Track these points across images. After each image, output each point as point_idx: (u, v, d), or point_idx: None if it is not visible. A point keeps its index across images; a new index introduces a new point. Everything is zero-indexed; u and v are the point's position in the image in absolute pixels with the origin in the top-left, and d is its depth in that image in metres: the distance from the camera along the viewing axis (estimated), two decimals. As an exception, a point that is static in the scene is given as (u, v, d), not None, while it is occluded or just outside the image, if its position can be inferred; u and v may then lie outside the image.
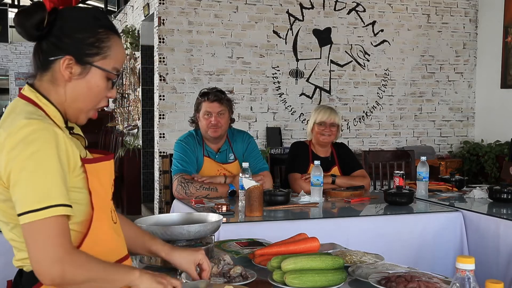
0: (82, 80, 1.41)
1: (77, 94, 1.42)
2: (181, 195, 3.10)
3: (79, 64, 1.40)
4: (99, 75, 1.42)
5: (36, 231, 1.25)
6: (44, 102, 1.40)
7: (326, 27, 6.15)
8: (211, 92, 3.27)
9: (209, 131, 3.25)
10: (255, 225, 2.60)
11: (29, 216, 1.24)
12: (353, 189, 3.34)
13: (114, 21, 8.86)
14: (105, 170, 1.45)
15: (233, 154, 3.36)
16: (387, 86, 6.42)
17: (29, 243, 1.26)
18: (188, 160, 3.23)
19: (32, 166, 1.26)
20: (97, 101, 1.46)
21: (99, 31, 1.42)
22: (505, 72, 6.27)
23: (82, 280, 1.29)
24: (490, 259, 2.74)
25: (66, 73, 1.39)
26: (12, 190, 1.28)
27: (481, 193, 3.29)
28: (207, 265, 1.59)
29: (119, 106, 8.60)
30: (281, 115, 6.06)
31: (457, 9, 6.61)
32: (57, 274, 1.25)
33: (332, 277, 1.65)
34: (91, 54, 1.41)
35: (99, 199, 1.40)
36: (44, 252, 1.25)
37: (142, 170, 7.01)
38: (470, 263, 1.17)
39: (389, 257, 2.02)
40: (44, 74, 1.42)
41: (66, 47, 1.39)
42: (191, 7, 5.67)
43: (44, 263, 1.25)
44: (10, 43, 14.08)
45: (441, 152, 6.62)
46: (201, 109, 3.26)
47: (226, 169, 3.31)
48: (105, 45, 1.42)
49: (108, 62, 1.43)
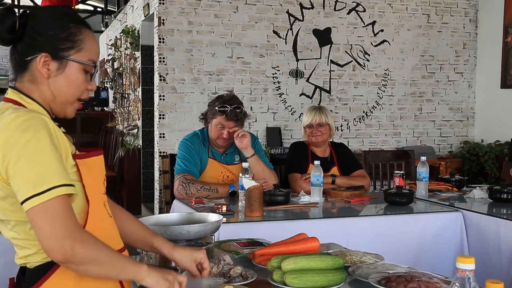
0: (61, 75, 1.44)
1: (59, 89, 1.45)
2: (182, 195, 3.09)
3: (55, 60, 1.43)
4: (77, 68, 1.45)
5: (42, 213, 1.27)
6: (29, 101, 1.43)
7: (326, 27, 6.15)
8: (231, 111, 3.15)
9: (218, 141, 3.24)
10: (255, 225, 2.60)
11: (33, 201, 1.26)
12: (353, 189, 3.34)
13: (114, 21, 8.86)
14: (96, 165, 1.48)
15: (239, 155, 3.32)
16: (387, 86, 6.42)
17: (37, 226, 1.28)
18: (191, 160, 3.20)
19: (28, 154, 1.29)
20: (79, 93, 1.49)
21: (70, 26, 1.45)
22: (505, 72, 6.27)
23: (91, 259, 1.30)
24: (490, 259, 2.74)
25: (44, 70, 1.43)
26: (12, 181, 1.30)
27: (481, 193, 3.29)
28: (207, 264, 1.60)
29: (119, 106, 8.60)
30: (281, 115, 6.06)
31: (457, 9, 6.61)
32: (68, 248, 1.27)
33: (332, 277, 1.66)
34: (65, 48, 1.44)
35: (92, 192, 1.42)
36: (53, 229, 1.27)
37: (142, 170, 7.01)
38: (470, 263, 1.17)
39: (389, 257, 2.02)
40: (24, 74, 1.45)
41: (41, 45, 1.42)
42: (191, 7, 5.67)
43: (54, 239, 1.27)
44: (10, 43, 14.08)
45: (441, 152, 6.62)
46: (215, 119, 3.18)
47: (230, 170, 3.29)
48: (78, 38, 1.45)
49: (83, 55, 1.46)
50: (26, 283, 1.38)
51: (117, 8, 9.40)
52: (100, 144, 8.86)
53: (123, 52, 7.85)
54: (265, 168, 3.23)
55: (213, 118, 3.20)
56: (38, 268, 1.37)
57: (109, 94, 9.61)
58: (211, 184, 3.14)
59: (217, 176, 3.27)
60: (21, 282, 1.41)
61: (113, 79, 8.87)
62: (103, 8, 10.30)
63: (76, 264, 1.30)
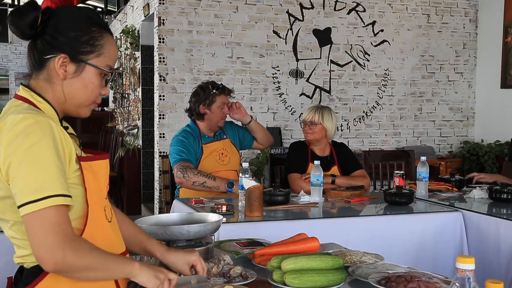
0: (77, 78, 1.44)
1: (73, 92, 1.44)
2: (180, 179, 3.25)
3: (74, 62, 1.42)
4: (94, 72, 1.45)
5: (37, 220, 1.27)
6: (39, 99, 1.42)
7: (326, 27, 6.15)
8: (224, 87, 3.49)
9: (220, 123, 3.49)
10: (255, 225, 2.60)
11: (28, 207, 1.26)
12: (353, 189, 3.34)
13: (114, 21, 8.86)
14: (100, 168, 1.47)
15: (225, 134, 3.59)
16: (387, 86, 6.42)
17: (30, 233, 1.28)
18: (186, 151, 3.35)
19: (30, 159, 1.28)
20: (93, 97, 1.48)
21: (92, 30, 1.44)
22: (505, 72, 6.27)
23: (84, 267, 1.31)
24: (490, 259, 2.74)
25: (61, 71, 1.42)
26: (12, 184, 1.29)
27: (481, 193, 3.29)
28: (200, 267, 1.59)
29: (119, 106, 8.60)
30: (281, 115, 6.06)
31: (457, 9, 6.61)
32: (59, 259, 1.27)
33: (332, 277, 1.66)
34: (85, 52, 1.43)
35: (94, 196, 1.42)
36: (45, 239, 1.27)
37: (142, 170, 7.01)
38: (470, 263, 1.17)
39: (389, 257, 2.02)
40: (40, 72, 1.44)
41: (61, 46, 1.41)
42: (191, 7, 5.67)
43: (45, 250, 1.27)
44: (10, 43, 14.08)
45: (441, 152, 6.62)
46: (216, 101, 3.43)
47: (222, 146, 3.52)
48: (99, 43, 1.45)
49: (102, 60, 1.46)
50: (23, 283, 1.38)
51: (117, 8, 9.40)
52: (100, 144, 8.86)
53: (123, 52, 7.85)
54: (263, 126, 3.69)
55: (213, 102, 3.43)
56: (34, 268, 1.37)
57: (109, 94, 9.61)
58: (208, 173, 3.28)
59: (214, 157, 3.45)
60: (18, 281, 1.41)
61: (113, 79, 8.87)
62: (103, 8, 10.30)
63: (68, 272, 1.30)
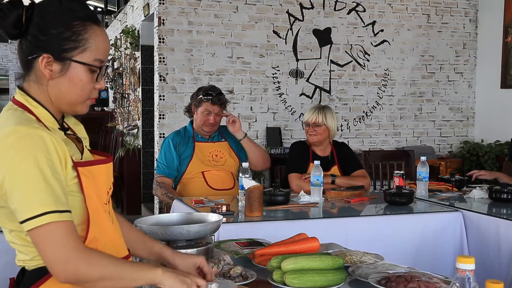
0: (64, 77, 1.37)
1: (63, 91, 1.39)
2: (154, 191, 3.49)
3: (58, 61, 1.36)
4: (81, 69, 1.38)
5: (42, 236, 1.25)
6: (34, 104, 1.38)
7: (326, 27, 6.15)
8: (215, 95, 3.45)
9: (204, 127, 3.49)
10: (255, 225, 2.60)
11: (29, 223, 1.25)
12: (353, 189, 3.34)
13: (114, 21, 8.86)
14: (101, 173, 1.43)
15: (224, 138, 3.58)
16: (387, 86, 6.42)
17: (39, 249, 1.27)
18: (166, 163, 3.46)
19: (22, 174, 1.25)
20: (85, 94, 1.41)
21: (74, 24, 1.36)
22: (505, 72, 6.26)
23: (97, 278, 1.29)
24: (490, 259, 2.74)
25: (46, 72, 1.36)
26: (9, 199, 1.27)
27: (481, 193, 3.29)
28: (207, 269, 1.57)
29: (119, 106, 8.60)
30: (281, 115, 6.06)
31: (457, 9, 6.60)
32: (71, 273, 1.26)
33: (332, 277, 1.66)
34: (68, 49, 1.36)
35: (94, 202, 1.39)
36: (54, 255, 1.25)
37: (142, 170, 7.01)
38: (470, 263, 1.17)
39: (389, 257, 2.02)
40: (28, 74, 1.40)
41: (43, 45, 1.35)
42: (191, 7, 5.67)
43: (57, 265, 1.26)
44: (10, 43, 14.10)
45: (441, 152, 6.62)
46: (201, 106, 3.46)
47: (218, 148, 3.52)
48: (83, 38, 1.37)
49: (88, 55, 1.38)
50: (24, 285, 1.37)
51: (117, 8, 9.40)
52: (100, 144, 8.86)
53: (123, 52, 7.85)
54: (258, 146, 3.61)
55: (198, 106, 3.47)
56: (35, 270, 1.36)
57: (109, 94, 9.62)
58: (174, 193, 3.38)
59: (206, 157, 3.48)
60: (20, 283, 1.40)
61: (113, 79, 8.87)
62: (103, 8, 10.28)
63: (84, 283, 1.29)
